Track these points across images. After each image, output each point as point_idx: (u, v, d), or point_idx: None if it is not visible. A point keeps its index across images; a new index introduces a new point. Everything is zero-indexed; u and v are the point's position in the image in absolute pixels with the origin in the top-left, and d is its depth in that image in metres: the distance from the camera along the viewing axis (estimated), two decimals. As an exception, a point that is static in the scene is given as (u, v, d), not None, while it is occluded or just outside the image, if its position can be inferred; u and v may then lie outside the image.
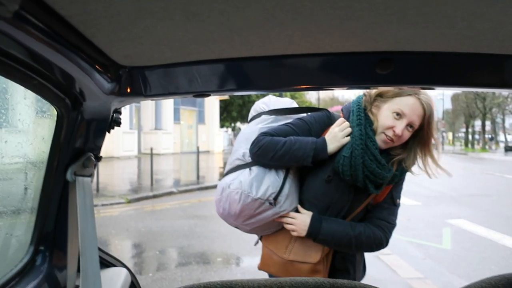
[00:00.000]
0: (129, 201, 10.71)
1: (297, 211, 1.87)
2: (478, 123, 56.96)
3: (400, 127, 1.73)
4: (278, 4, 0.74)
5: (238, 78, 1.15)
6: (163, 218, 8.92)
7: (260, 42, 0.94)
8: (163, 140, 27.38)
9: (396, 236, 7.23)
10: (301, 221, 1.81)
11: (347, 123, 1.81)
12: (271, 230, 1.95)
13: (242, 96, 29.24)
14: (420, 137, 1.81)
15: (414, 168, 1.89)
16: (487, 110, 51.13)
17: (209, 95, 1.21)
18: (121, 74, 1.10)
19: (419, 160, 1.84)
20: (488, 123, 55.57)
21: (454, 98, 58.22)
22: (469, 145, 57.05)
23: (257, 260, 2.14)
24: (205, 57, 1.05)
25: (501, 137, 62.58)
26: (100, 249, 1.30)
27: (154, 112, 27.83)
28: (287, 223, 1.84)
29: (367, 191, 1.81)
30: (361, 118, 1.80)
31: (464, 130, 63.92)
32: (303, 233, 1.80)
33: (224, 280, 1.05)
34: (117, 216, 9.10)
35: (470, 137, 59.09)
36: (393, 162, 1.82)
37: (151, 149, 14.91)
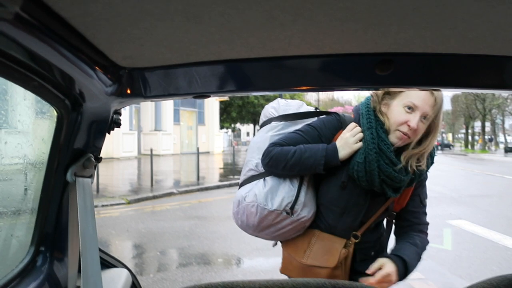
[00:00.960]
0: (129, 202, 10.71)
1: (317, 213, 1.87)
2: (478, 124, 56.97)
3: (414, 120, 1.69)
4: (278, 6, 0.74)
5: (238, 79, 1.16)
6: (163, 219, 8.92)
7: (260, 44, 0.94)
8: (163, 141, 27.39)
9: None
10: (392, 272, 1.74)
11: (358, 128, 1.77)
12: (291, 236, 1.91)
13: (241, 97, 29.28)
14: (431, 129, 1.77)
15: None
16: (487, 111, 51.16)
17: (209, 96, 1.21)
18: (121, 75, 1.10)
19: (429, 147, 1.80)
20: (488, 124, 55.56)
21: (454, 99, 58.25)
22: (469, 146, 57.07)
23: (257, 261, 2.15)
24: (205, 58, 1.05)
25: (501, 138, 62.61)
26: (100, 250, 1.30)
27: (154, 113, 27.84)
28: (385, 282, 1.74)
29: (385, 195, 1.78)
30: (371, 120, 1.77)
31: (464, 131, 63.98)
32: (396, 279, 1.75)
33: (225, 281, 1.05)
34: (117, 217, 9.10)
35: (470, 138, 59.13)
36: (412, 162, 1.77)
37: (151, 150, 14.91)
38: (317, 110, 2.02)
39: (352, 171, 1.76)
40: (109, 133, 1.28)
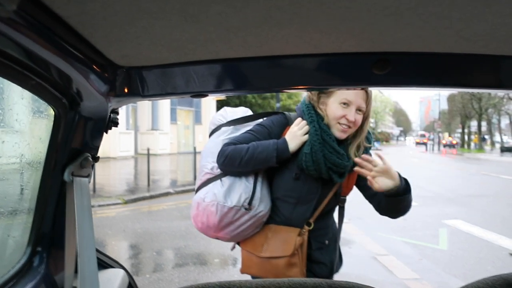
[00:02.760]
0: (126, 202, 10.68)
1: (272, 208, 2.00)
2: (474, 124, 57.14)
3: (351, 113, 1.88)
4: (275, 5, 0.74)
5: (236, 78, 1.16)
6: (160, 218, 8.90)
7: (257, 43, 0.95)
8: (160, 141, 27.32)
9: (392, 237, 7.26)
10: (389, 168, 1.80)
11: (304, 122, 1.94)
12: (250, 234, 2.02)
13: (238, 96, 29.27)
14: (363, 118, 1.95)
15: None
16: (483, 111, 51.29)
17: (207, 95, 1.21)
18: (119, 75, 1.10)
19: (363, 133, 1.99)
20: (484, 124, 55.70)
21: (450, 99, 58.44)
22: (465, 146, 57.24)
23: None
24: (202, 57, 1.05)
25: (497, 137, 62.82)
26: (97, 250, 1.30)
27: (151, 112, 27.77)
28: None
29: (332, 181, 1.95)
30: (313, 115, 1.94)
31: (460, 130, 64.16)
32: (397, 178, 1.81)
33: (222, 281, 1.05)
34: (114, 217, 9.08)
35: (466, 137, 59.31)
36: (351, 149, 1.96)
37: (148, 150, 14.88)
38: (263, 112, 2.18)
39: (301, 162, 1.92)
40: (106, 132, 1.28)
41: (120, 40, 0.90)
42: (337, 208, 2.12)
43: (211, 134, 2.20)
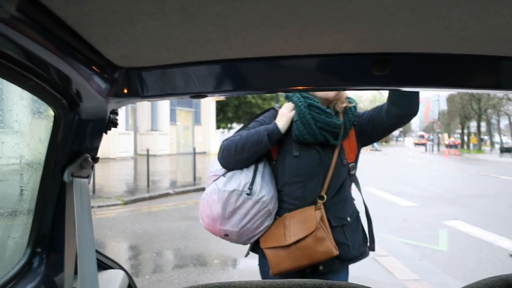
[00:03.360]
0: (126, 203, 10.67)
1: (282, 199, 2.07)
2: (473, 124, 57.11)
3: (331, 94, 2.04)
4: (274, 6, 0.74)
5: (235, 79, 1.16)
6: (159, 219, 8.89)
7: (256, 43, 0.95)
8: (159, 141, 27.31)
9: (392, 238, 7.25)
10: None
11: (290, 103, 2.08)
12: (259, 227, 2.03)
13: (238, 96, 29.25)
14: None
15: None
16: (482, 111, 51.26)
17: (206, 96, 1.21)
18: (118, 75, 1.10)
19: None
20: (483, 124, 55.66)
21: (450, 99, 58.39)
22: (465, 146, 57.24)
23: (254, 262, 2.15)
24: (202, 58, 1.05)
25: (496, 138, 62.80)
26: (97, 251, 1.30)
27: (150, 113, 27.77)
28: None
29: (328, 144, 2.04)
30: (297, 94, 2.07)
31: (459, 131, 64.13)
32: None
33: (222, 282, 1.05)
34: (113, 217, 9.07)
35: (466, 138, 59.27)
36: (337, 107, 2.08)
37: (147, 150, 14.88)
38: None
39: (294, 133, 2.02)
40: (106, 133, 1.28)
41: (119, 40, 0.90)
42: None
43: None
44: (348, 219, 2.09)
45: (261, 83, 1.17)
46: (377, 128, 2.12)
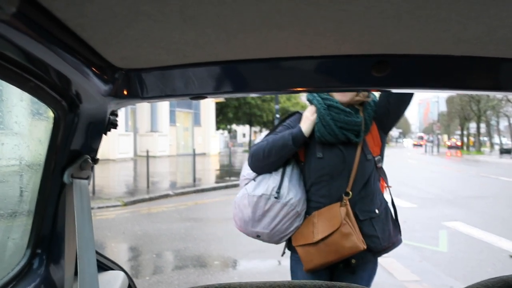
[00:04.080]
0: (125, 204, 10.67)
1: (310, 198, 2.16)
2: (473, 126, 57.14)
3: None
4: (274, 7, 0.74)
5: (235, 80, 1.16)
6: (159, 221, 8.89)
7: (256, 45, 0.95)
8: (159, 143, 27.32)
9: (392, 238, 7.25)
10: None
11: (313, 107, 2.16)
12: (288, 228, 2.12)
13: (238, 98, 29.26)
14: None
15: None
16: (482, 113, 51.30)
17: (206, 97, 1.21)
18: (118, 77, 1.10)
19: None
20: (483, 126, 55.68)
21: (449, 101, 58.42)
22: (464, 148, 57.22)
23: (254, 263, 2.18)
24: (201, 59, 1.05)
25: (496, 139, 62.80)
26: (97, 252, 1.30)
27: (150, 114, 27.78)
28: None
29: (350, 142, 2.11)
30: (315, 95, 2.16)
31: (459, 132, 64.13)
32: None
33: (222, 283, 1.05)
34: (113, 219, 9.07)
35: (465, 139, 59.26)
36: (357, 109, 2.14)
37: (147, 152, 14.90)
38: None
39: (317, 136, 2.11)
40: (105, 134, 1.28)
41: (119, 42, 0.90)
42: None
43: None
44: (376, 211, 2.15)
45: (261, 85, 1.17)
46: (387, 111, 2.19)
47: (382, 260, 6.01)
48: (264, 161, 2.11)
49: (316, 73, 1.12)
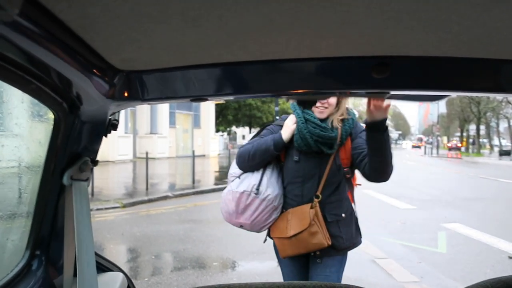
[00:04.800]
0: (124, 206, 10.65)
1: (286, 194, 2.46)
2: (472, 127, 57.13)
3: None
4: (275, 9, 0.74)
5: (235, 82, 1.16)
6: (158, 222, 8.88)
7: (257, 47, 0.95)
8: (158, 144, 27.29)
9: (391, 240, 7.25)
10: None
11: (294, 116, 2.42)
12: (267, 220, 2.43)
13: (237, 99, 29.24)
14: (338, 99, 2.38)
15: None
16: (482, 115, 51.28)
17: (206, 99, 1.21)
18: (119, 78, 1.10)
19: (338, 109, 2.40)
20: (482, 127, 55.66)
21: (449, 103, 58.34)
22: (463, 149, 57.22)
23: (253, 264, 2.21)
24: (202, 61, 1.05)
25: (495, 141, 62.81)
26: (96, 254, 1.30)
27: (150, 116, 27.75)
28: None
29: (323, 153, 2.37)
30: (296, 106, 2.42)
31: (459, 134, 64.14)
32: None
33: (221, 284, 1.05)
34: (112, 220, 9.06)
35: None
36: (334, 121, 2.37)
37: (147, 153, 14.87)
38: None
39: (295, 144, 2.38)
40: (106, 136, 1.28)
41: (121, 44, 0.90)
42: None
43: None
44: (343, 215, 2.43)
45: (261, 87, 1.17)
46: (355, 162, 2.40)
47: (381, 261, 6.04)
48: (249, 163, 2.43)
49: (317, 75, 1.12)
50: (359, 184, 2.61)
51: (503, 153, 43.51)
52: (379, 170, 2.26)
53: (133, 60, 1.02)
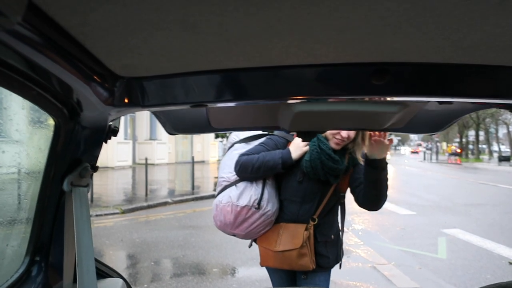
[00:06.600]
0: (124, 212, 10.64)
1: (282, 207, 2.42)
2: (471, 133, 57.16)
3: (344, 131, 2.23)
4: (275, 16, 0.75)
5: (235, 88, 1.16)
6: (157, 228, 8.87)
7: (257, 53, 0.95)
8: (158, 150, 27.29)
9: (391, 246, 7.24)
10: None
11: None
12: (261, 232, 2.40)
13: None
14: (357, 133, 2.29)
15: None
16: (481, 120, 51.34)
17: (206, 105, 1.21)
18: (119, 85, 1.10)
19: (362, 145, 2.29)
20: (481, 133, 55.70)
21: (448, 108, 58.21)
22: (463, 155, 57.25)
23: (253, 270, 2.20)
24: (202, 67, 1.06)
25: (494, 147, 62.82)
26: (96, 260, 1.29)
27: (149, 122, 27.76)
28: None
29: (329, 182, 2.35)
30: None
31: (458, 140, 64.17)
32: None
33: None
34: (112, 226, 9.04)
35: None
36: (345, 155, 2.34)
37: (146, 159, 14.86)
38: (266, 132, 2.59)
39: (303, 168, 2.33)
40: (106, 142, 1.28)
41: (121, 50, 0.90)
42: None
43: (227, 150, 2.60)
44: (332, 237, 2.45)
45: (261, 93, 1.17)
46: (351, 187, 2.41)
47: (382, 267, 6.03)
48: (251, 174, 2.32)
49: (316, 81, 1.12)
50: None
51: (503, 159, 43.52)
52: (373, 201, 2.28)
53: (133, 66, 1.02)
